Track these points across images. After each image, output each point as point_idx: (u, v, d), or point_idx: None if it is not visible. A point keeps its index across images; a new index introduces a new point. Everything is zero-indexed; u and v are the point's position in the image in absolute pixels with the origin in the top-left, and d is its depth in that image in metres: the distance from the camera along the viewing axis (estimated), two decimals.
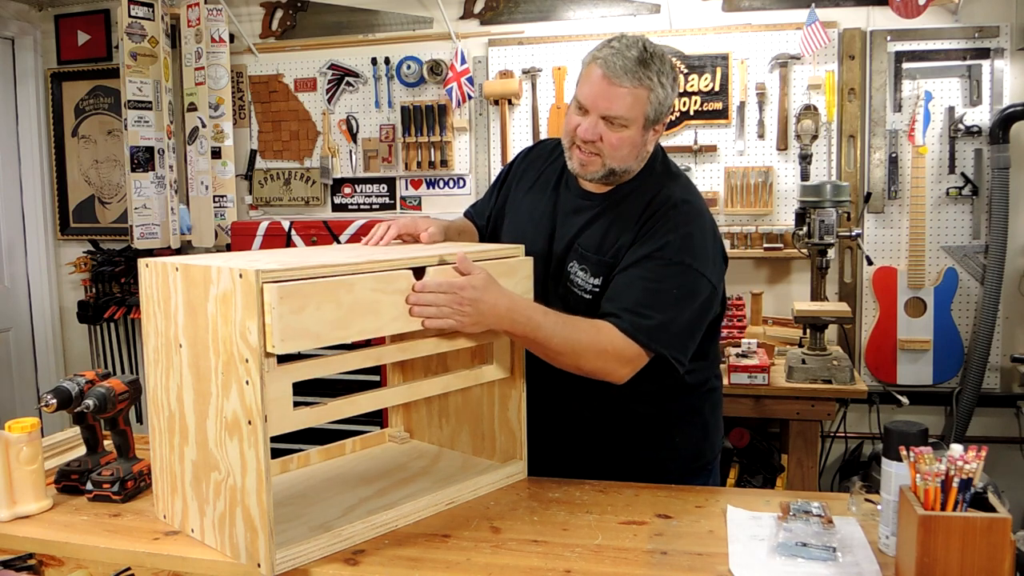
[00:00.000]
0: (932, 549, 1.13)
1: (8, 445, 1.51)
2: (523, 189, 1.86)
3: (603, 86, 1.57)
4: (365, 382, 2.81)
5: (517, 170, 1.91)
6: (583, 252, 1.68)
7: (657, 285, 1.57)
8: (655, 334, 1.55)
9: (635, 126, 1.59)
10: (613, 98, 1.57)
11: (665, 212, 1.62)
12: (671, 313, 1.56)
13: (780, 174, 3.40)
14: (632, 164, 1.66)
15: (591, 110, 1.59)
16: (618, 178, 1.67)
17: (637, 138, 1.61)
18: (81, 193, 4.20)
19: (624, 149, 1.61)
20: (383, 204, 3.84)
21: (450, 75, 3.57)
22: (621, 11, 3.51)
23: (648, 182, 1.69)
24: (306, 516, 1.47)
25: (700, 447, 1.81)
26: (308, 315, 1.26)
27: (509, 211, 1.87)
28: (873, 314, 3.34)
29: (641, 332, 1.54)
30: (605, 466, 1.72)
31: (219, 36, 3.77)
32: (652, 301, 1.56)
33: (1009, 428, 3.29)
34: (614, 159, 1.62)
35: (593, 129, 1.59)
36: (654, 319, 1.55)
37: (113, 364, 4.08)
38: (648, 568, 1.29)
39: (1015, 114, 3.10)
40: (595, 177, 1.65)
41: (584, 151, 1.62)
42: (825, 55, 3.29)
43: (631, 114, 1.58)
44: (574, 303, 1.67)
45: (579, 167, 1.65)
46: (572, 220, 1.73)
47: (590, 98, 1.59)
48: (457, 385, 1.62)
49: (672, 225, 1.60)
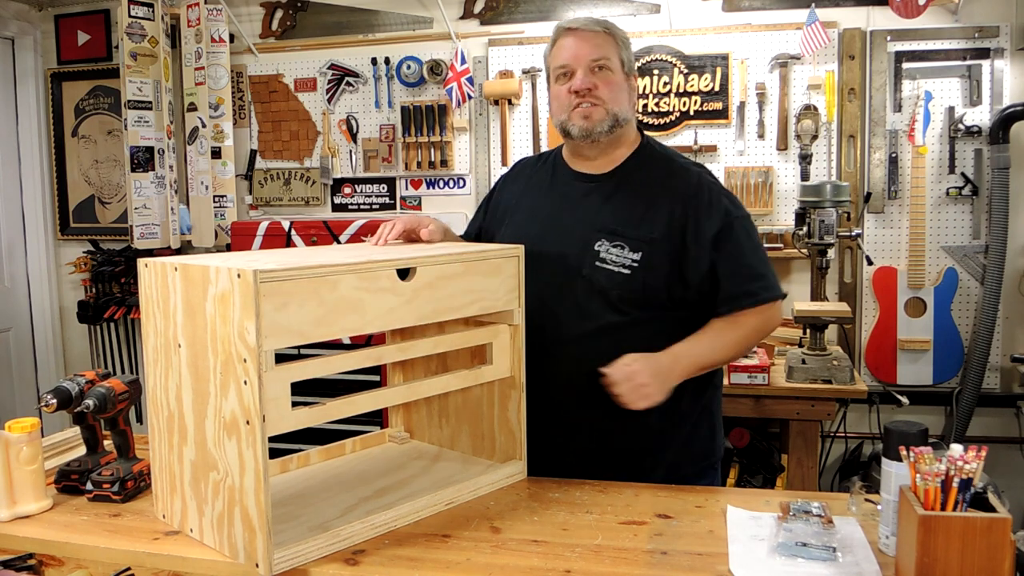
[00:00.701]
0: (932, 549, 1.13)
1: (8, 445, 1.51)
2: (515, 197, 1.89)
3: (578, 40, 1.72)
4: (365, 382, 2.81)
5: (503, 186, 1.97)
6: (615, 229, 1.70)
7: (749, 244, 1.72)
8: (774, 282, 1.74)
9: (617, 70, 1.73)
10: (591, 44, 1.71)
11: (700, 183, 1.73)
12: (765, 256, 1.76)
13: (780, 174, 3.40)
14: (627, 111, 1.76)
15: (576, 65, 1.71)
16: (620, 130, 1.75)
17: (623, 82, 1.75)
18: (81, 193, 4.20)
19: (617, 91, 1.73)
20: (383, 204, 3.84)
21: (450, 75, 3.57)
22: (621, 11, 3.51)
23: (653, 158, 1.79)
24: (305, 516, 1.47)
25: (710, 445, 1.84)
26: (291, 312, 1.27)
27: (504, 219, 1.89)
28: (873, 314, 3.34)
29: (775, 290, 1.73)
30: (613, 470, 1.71)
31: (219, 36, 3.77)
32: (757, 259, 1.72)
33: (1009, 428, 3.29)
34: (613, 102, 1.72)
35: (586, 79, 1.70)
36: (769, 272, 1.73)
37: (113, 364, 4.08)
38: (648, 568, 1.29)
39: (1015, 114, 3.10)
40: (601, 128, 1.72)
41: (584, 105, 1.71)
42: (825, 55, 3.29)
43: (610, 53, 1.72)
44: (606, 280, 1.68)
45: (584, 121, 1.72)
46: (584, 203, 1.76)
47: (572, 55, 1.72)
48: (457, 385, 1.62)
49: (716, 190, 1.73)
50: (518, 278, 1.63)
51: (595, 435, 1.75)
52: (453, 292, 1.52)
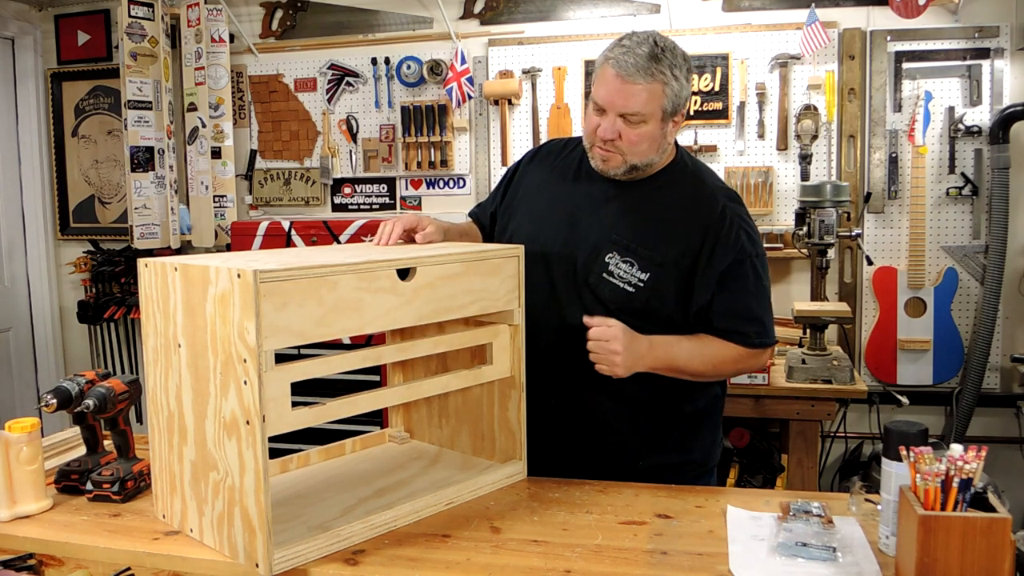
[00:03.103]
0: (932, 549, 1.13)
1: (8, 445, 1.51)
2: (536, 183, 1.86)
3: (617, 85, 1.60)
4: (365, 382, 2.81)
5: (525, 168, 1.91)
6: (627, 243, 1.68)
7: (756, 286, 1.69)
8: (769, 328, 1.72)
9: (653, 120, 1.63)
10: (628, 96, 1.60)
11: (723, 214, 1.68)
12: (767, 301, 1.73)
13: (780, 174, 3.40)
14: (653, 157, 1.69)
15: (608, 110, 1.63)
16: (641, 172, 1.70)
17: (656, 132, 1.65)
18: (81, 193, 4.20)
19: (643, 144, 1.65)
20: (383, 204, 3.84)
21: (450, 75, 3.57)
22: (621, 11, 3.51)
23: (684, 177, 1.74)
24: (305, 516, 1.47)
25: (711, 451, 1.84)
26: (291, 312, 1.27)
27: (521, 205, 1.86)
28: (873, 314, 3.34)
29: (767, 336, 1.70)
30: (615, 472, 1.71)
31: (219, 36, 3.77)
32: (758, 303, 1.70)
33: (1009, 428, 3.29)
34: (634, 155, 1.66)
35: (612, 128, 1.63)
36: (766, 317, 1.71)
37: (113, 364, 4.08)
38: (648, 568, 1.29)
39: (1015, 114, 3.10)
40: (617, 173, 1.69)
41: (604, 149, 1.66)
42: (825, 55, 3.29)
43: (647, 109, 1.61)
44: (609, 294, 1.68)
45: (601, 163, 1.69)
46: (604, 208, 1.73)
47: (606, 98, 1.62)
48: (457, 385, 1.62)
49: (737, 224, 1.68)
50: (518, 278, 1.63)
51: (607, 441, 1.75)
52: (453, 292, 1.52)
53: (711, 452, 1.84)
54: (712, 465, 1.85)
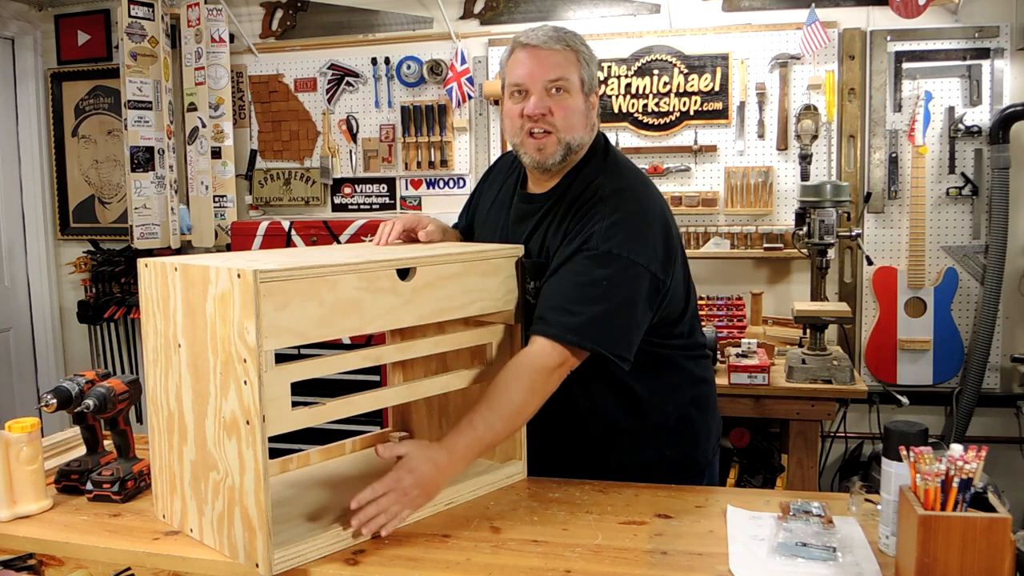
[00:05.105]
0: (932, 549, 1.13)
1: (8, 445, 1.51)
2: (488, 204, 1.85)
3: (534, 57, 1.59)
4: (365, 382, 2.81)
5: (481, 187, 1.92)
6: (524, 258, 1.65)
7: (584, 278, 1.51)
8: (586, 330, 1.48)
9: (575, 91, 1.60)
10: (547, 62, 1.58)
11: (592, 206, 1.58)
12: (603, 306, 1.49)
13: (780, 174, 3.40)
14: (584, 135, 1.63)
15: (531, 85, 1.59)
16: (574, 156, 1.64)
17: (580, 104, 1.61)
18: (81, 193, 4.20)
19: (573, 117, 1.60)
20: (383, 204, 3.84)
21: (450, 75, 3.57)
22: (621, 11, 3.51)
23: (581, 175, 1.65)
24: (305, 516, 1.47)
25: (692, 457, 1.78)
26: (291, 312, 1.27)
27: (476, 227, 1.87)
28: (873, 314, 3.34)
29: (571, 331, 1.48)
30: (603, 469, 1.70)
31: (219, 36, 3.77)
32: (580, 295, 1.50)
33: (1009, 428, 3.29)
34: (567, 130, 1.60)
35: (541, 103, 1.58)
36: (583, 314, 1.49)
37: (113, 364, 4.08)
38: (648, 568, 1.29)
39: (1015, 114, 3.10)
40: (554, 160, 1.61)
41: (537, 134, 1.60)
42: (825, 55, 3.29)
43: (568, 74, 1.59)
44: (529, 310, 1.63)
45: (536, 153, 1.61)
46: (519, 230, 1.70)
47: (526, 74, 1.59)
48: (457, 385, 1.62)
49: (598, 216, 1.56)
50: (515, 279, 1.63)
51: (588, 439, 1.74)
52: (453, 292, 1.52)
53: (693, 458, 1.78)
54: (697, 470, 1.79)
